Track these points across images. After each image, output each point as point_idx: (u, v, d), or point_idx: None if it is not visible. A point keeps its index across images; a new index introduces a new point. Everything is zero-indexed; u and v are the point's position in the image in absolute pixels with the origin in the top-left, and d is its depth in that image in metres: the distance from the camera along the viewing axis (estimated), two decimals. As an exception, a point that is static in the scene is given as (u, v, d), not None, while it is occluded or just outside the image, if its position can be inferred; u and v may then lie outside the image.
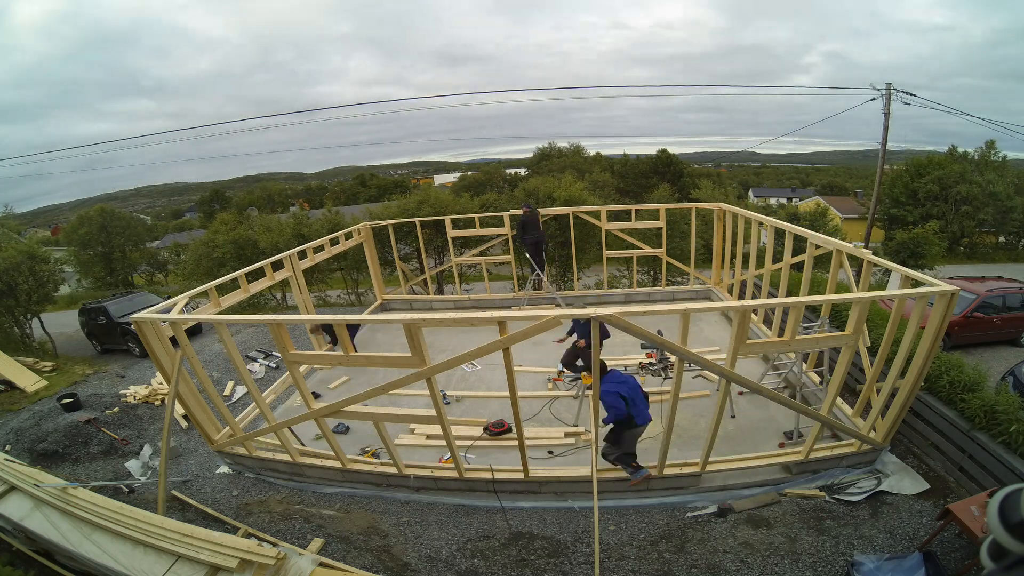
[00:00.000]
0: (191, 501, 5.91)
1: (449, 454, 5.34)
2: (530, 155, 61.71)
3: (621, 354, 7.79)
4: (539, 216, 10.51)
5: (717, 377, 5.39)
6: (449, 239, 11.09)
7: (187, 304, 6.20)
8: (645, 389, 5.30)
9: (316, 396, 7.19)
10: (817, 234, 6.85)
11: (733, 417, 6.39)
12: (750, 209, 12.39)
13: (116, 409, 8.45)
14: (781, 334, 6.32)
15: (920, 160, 27.22)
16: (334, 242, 9.96)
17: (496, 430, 6.34)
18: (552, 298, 10.96)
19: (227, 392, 8.81)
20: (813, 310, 7.82)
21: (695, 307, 4.45)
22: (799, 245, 7.28)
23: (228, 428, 6.18)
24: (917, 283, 4.93)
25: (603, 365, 4.83)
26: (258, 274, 7.65)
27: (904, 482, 5.35)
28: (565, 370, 7.25)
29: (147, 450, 7.41)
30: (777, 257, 8.17)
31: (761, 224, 8.30)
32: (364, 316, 9.27)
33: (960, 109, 15.76)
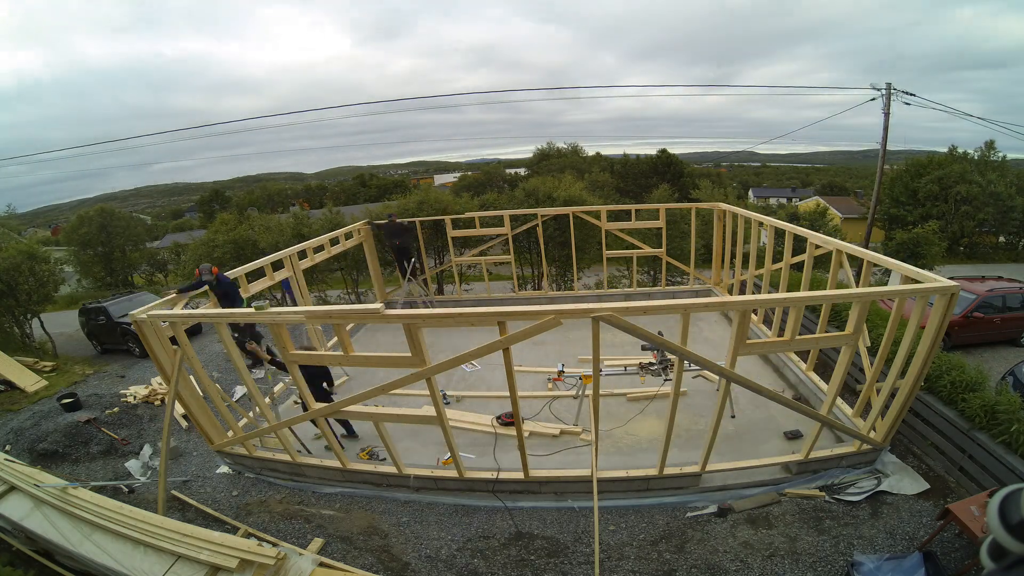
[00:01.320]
0: (191, 501, 5.91)
1: (449, 454, 5.34)
2: (530, 155, 61.74)
3: (621, 354, 7.80)
4: (403, 225, 10.66)
5: (717, 377, 5.38)
6: (449, 239, 11.09)
7: (186, 304, 6.20)
8: (644, 389, 5.31)
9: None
10: (817, 234, 6.85)
11: (733, 417, 6.39)
12: (750, 209, 12.39)
13: (116, 409, 8.45)
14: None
15: (920, 160, 27.24)
16: (334, 242, 9.95)
17: (508, 420, 6.40)
18: (428, 302, 11.10)
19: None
20: (813, 310, 7.83)
21: (695, 303, 4.44)
22: (799, 245, 7.27)
23: (232, 431, 6.19)
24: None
25: None
26: (258, 274, 7.65)
27: (904, 482, 5.35)
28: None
29: (147, 450, 7.41)
30: (777, 257, 8.17)
31: (761, 224, 8.30)
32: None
33: (960, 109, 15.74)
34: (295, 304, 8.58)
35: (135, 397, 8.89)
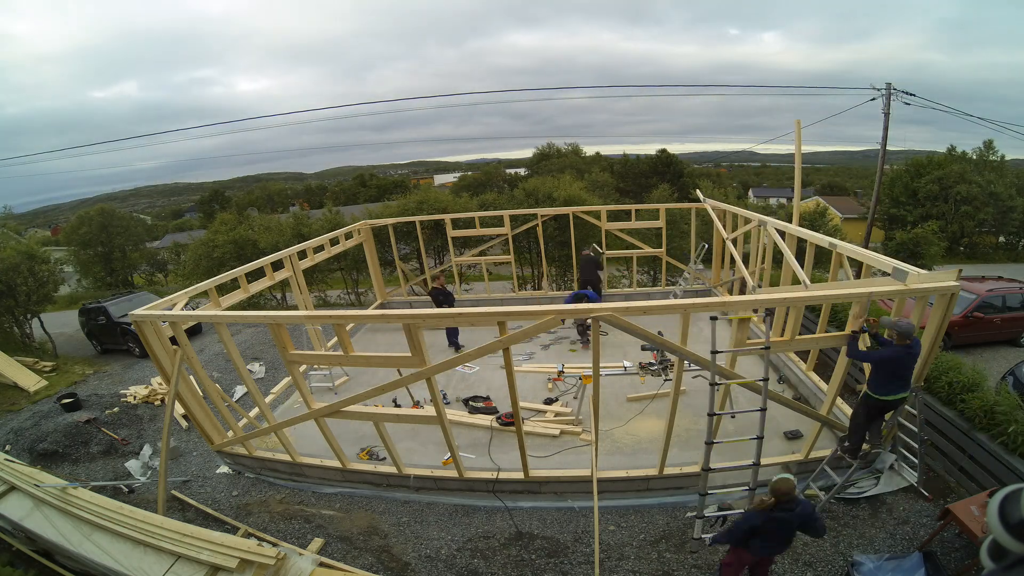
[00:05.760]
0: (191, 501, 5.91)
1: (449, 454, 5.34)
2: (530, 155, 61.76)
3: (620, 355, 7.80)
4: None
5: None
6: (449, 239, 11.09)
7: (186, 304, 6.20)
8: (644, 389, 5.29)
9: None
10: (817, 234, 6.84)
11: (733, 417, 6.38)
12: (750, 209, 12.38)
13: (116, 409, 8.46)
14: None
15: (920, 160, 27.21)
16: (334, 242, 9.95)
17: (508, 420, 6.42)
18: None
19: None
20: (813, 310, 7.83)
21: (695, 303, 4.44)
22: (798, 245, 7.26)
23: (231, 430, 6.19)
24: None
25: None
26: (258, 274, 7.64)
27: (904, 481, 5.35)
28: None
29: (147, 450, 7.41)
30: (777, 257, 8.16)
31: (762, 224, 8.29)
32: (363, 313, 9.28)
33: (960, 109, 15.71)
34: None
35: (135, 397, 8.89)
